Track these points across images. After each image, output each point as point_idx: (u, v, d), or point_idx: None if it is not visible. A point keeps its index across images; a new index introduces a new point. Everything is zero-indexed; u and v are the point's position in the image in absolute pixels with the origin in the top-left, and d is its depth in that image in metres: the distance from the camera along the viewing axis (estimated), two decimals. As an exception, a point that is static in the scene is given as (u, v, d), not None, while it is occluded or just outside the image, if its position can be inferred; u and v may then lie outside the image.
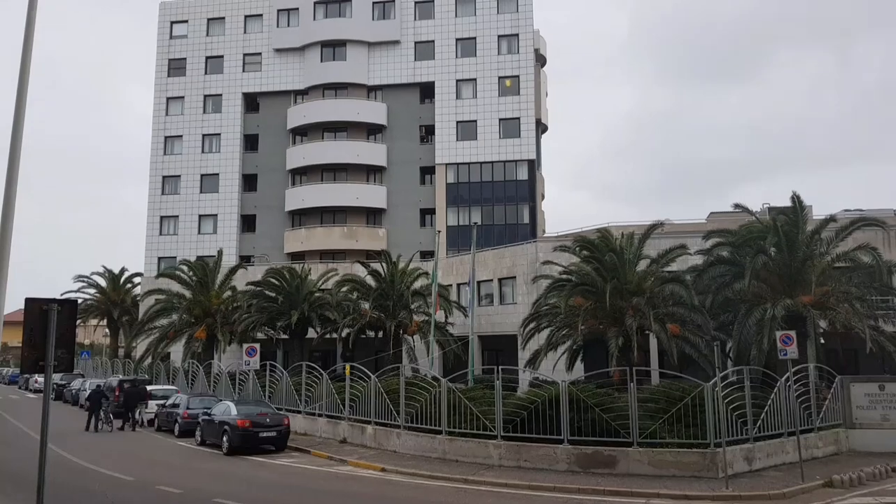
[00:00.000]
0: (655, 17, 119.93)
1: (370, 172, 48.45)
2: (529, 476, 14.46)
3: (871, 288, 21.52)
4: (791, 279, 21.50)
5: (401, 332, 30.28)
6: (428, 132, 48.23)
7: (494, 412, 16.12)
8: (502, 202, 45.90)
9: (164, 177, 49.84)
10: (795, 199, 22.15)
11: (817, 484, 13.65)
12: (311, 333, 33.06)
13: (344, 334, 30.30)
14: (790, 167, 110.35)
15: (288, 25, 49.98)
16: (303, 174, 49.26)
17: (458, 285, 35.47)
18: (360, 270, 34.08)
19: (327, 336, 32.54)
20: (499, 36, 47.65)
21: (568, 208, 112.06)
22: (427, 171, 47.67)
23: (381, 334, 30.92)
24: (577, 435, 15.16)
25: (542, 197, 50.19)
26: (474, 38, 47.93)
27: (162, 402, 25.85)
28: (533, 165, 46.28)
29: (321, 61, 49.25)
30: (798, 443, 14.70)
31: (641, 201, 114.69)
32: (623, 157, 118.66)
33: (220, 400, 22.76)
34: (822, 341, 21.31)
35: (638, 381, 15.50)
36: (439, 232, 36.42)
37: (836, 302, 20.64)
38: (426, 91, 48.51)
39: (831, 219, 22.67)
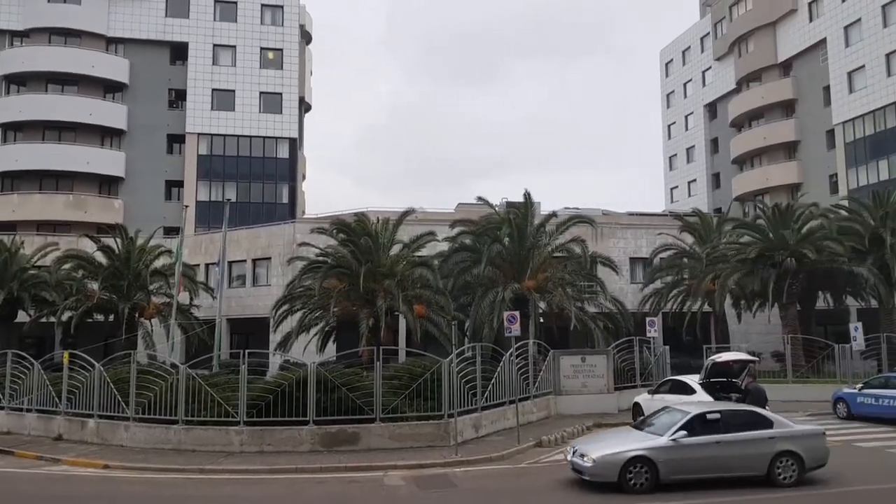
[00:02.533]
0: (412, 15, 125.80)
1: (106, 135, 42.77)
2: (271, 460, 14.26)
3: (580, 275, 25.41)
4: (520, 266, 24.40)
5: (136, 315, 27.51)
6: (178, 97, 44.16)
7: (239, 397, 15.54)
8: (260, 179, 44.10)
9: None
10: (526, 195, 25.22)
11: (530, 445, 15.78)
12: (23, 317, 28.32)
13: (65, 318, 26.68)
14: (529, 166, 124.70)
15: (3, -51, 41.55)
16: (18, 130, 41.69)
17: (207, 265, 33.24)
18: (88, 246, 30.03)
19: (44, 320, 28.31)
20: (262, 5, 45.49)
21: (328, 191, 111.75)
22: (176, 140, 43.69)
23: (112, 318, 27.75)
24: (325, 415, 15.32)
25: (304, 177, 49.41)
26: (235, 3, 45.05)
27: None
28: (295, 144, 45.23)
29: (49, 1, 41.85)
30: (517, 410, 16.80)
31: (399, 189, 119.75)
32: (381, 145, 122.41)
33: None
34: (542, 320, 24.60)
35: (385, 359, 16.25)
36: (187, 207, 33.57)
37: (553, 286, 23.97)
38: (178, 52, 44.29)
39: (553, 214, 26.34)
